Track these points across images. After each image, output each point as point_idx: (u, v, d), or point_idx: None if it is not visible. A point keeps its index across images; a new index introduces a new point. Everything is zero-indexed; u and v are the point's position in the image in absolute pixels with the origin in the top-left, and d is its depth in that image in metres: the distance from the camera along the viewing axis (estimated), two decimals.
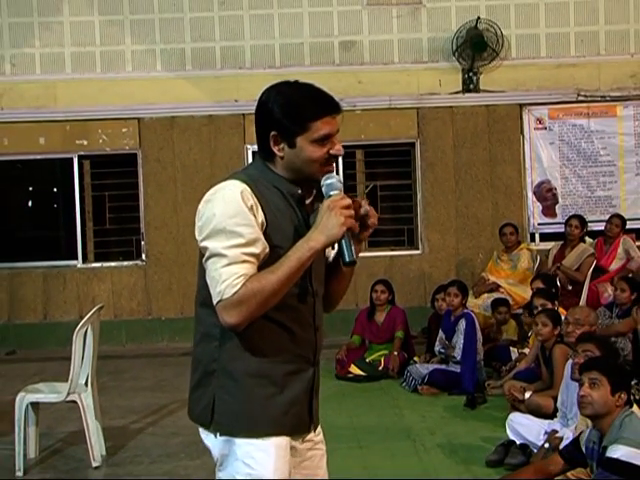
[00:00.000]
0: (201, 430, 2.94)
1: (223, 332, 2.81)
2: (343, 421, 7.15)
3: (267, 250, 2.76)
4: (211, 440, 2.90)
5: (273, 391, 2.86)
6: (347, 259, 2.78)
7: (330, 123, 2.84)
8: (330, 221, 2.73)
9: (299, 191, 2.89)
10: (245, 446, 2.83)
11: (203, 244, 2.76)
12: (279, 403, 2.87)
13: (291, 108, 2.81)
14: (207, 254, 2.75)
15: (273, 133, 2.83)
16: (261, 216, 2.77)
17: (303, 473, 3.01)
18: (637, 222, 11.36)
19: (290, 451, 2.92)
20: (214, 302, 2.73)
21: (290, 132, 2.81)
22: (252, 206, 2.75)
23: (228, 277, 2.68)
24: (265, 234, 2.77)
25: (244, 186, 2.77)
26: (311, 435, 3.03)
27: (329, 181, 2.83)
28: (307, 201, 2.93)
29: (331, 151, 2.85)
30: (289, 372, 2.89)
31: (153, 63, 11.48)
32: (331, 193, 2.80)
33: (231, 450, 2.85)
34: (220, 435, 2.86)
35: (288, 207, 2.87)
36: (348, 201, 2.78)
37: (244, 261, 2.71)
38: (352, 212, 2.77)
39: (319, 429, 3.08)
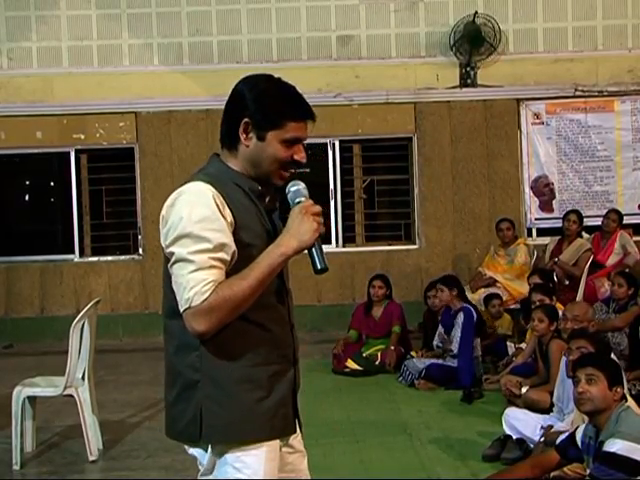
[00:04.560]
0: (186, 445, 2.87)
1: (203, 340, 2.71)
2: (340, 415, 7.16)
3: (235, 255, 2.70)
4: (199, 451, 2.84)
5: (261, 395, 2.79)
6: (319, 266, 2.71)
7: (303, 129, 2.82)
8: (303, 226, 2.69)
9: (259, 187, 2.85)
10: (236, 451, 2.77)
11: (169, 250, 2.69)
12: (267, 407, 2.80)
13: (271, 101, 2.79)
14: (173, 259, 2.67)
15: (246, 120, 2.78)
16: (229, 216, 2.71)
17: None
18: (634, 217, 11.37)
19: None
20: (181, 309, 2.65)
21: (264, 124, 2.77)
22: (219, 206, 2.69)
23: (196, 284, 2.61)
24: (235, 233, 2.71)
25: (209, 187, 2.72)
26: (291, 437, 2.98)
27: (295, 188, 2.79)
28: (267, 199, 2.90)
29: (295, 156, 2.81)
30: (274, 374, 2.83)
31: (150, 57, 11.46)
32: (298, 200, 2.76)
33: (221, 456, 2.79)
34: (212, 448, 2.79)
35: (251, 204, 2.81)
36: (319, 208, 2.75)
37: (212, 266, 2.64)
38: (322, 219, 2.73)
39: (298, 430, 3.02)
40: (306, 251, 2.72)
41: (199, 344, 2.72)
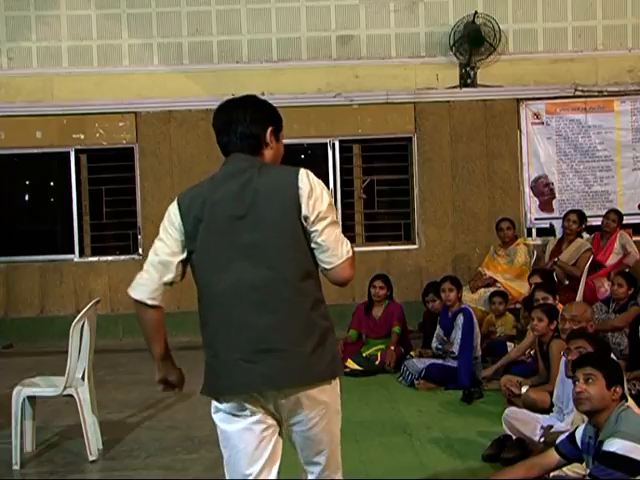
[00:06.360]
0: (312, 389, 3.33)
1: (323, 295, 3.39)
2: None
3: None
4: (328, 392, 3.38)
5: None
6: None
7: None
8: None
9: None
10: (338, 389, 3.47)
11: (325, 214, 3.29)
12: None
13: (275, 109, 3.53)
14: (328, 222, 3.29)
15: (271, 127, 3.43)
16: None
17: None
18: (634, 217, 11.37)
19: None
20: (337, 261, 3.31)
21: (279, 127, 3.49)
22: None
23: (345, 240, 3.35)
24: None
25: None
26: None
27: None
28: None
29: None
30: None
31: (150, 57, 11.47)
32: None
33: (335, 390, 3.44)
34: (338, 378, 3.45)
35: None
36: None
37: None
38: None
39: None
40: None
41: (323, 298, 3.40)
